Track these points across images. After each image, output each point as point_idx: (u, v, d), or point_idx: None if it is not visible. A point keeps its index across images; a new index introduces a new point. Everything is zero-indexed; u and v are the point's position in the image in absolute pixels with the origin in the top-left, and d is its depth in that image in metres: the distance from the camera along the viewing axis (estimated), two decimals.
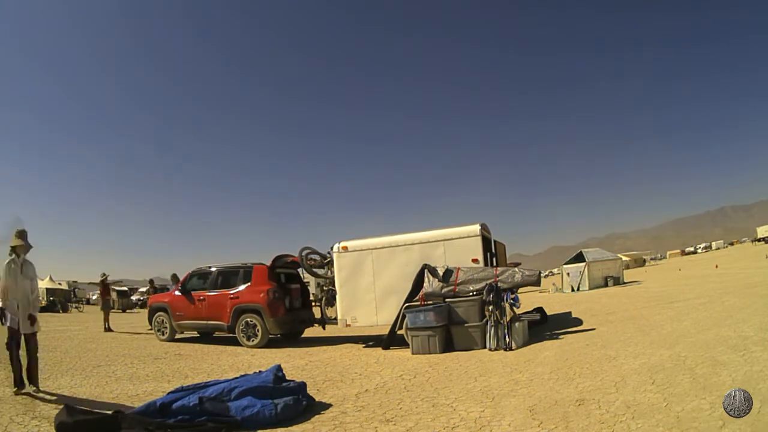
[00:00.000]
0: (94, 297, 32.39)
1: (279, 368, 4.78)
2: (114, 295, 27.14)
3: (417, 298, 8.22)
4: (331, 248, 9.56)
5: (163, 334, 10.31)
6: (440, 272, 8.27)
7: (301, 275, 10.91)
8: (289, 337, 10.37)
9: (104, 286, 14.31)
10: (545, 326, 9.26)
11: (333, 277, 9.49)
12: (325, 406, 4.54)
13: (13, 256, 5.12)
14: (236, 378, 4.68)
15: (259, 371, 4.98)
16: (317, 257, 10.15)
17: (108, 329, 12.60)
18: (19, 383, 4.88)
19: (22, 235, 5.16)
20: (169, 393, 4.32)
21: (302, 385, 4.62)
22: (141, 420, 3.77)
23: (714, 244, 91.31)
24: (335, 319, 9.47)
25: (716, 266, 26.91)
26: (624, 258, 38.71)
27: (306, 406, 4.37)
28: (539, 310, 9.80)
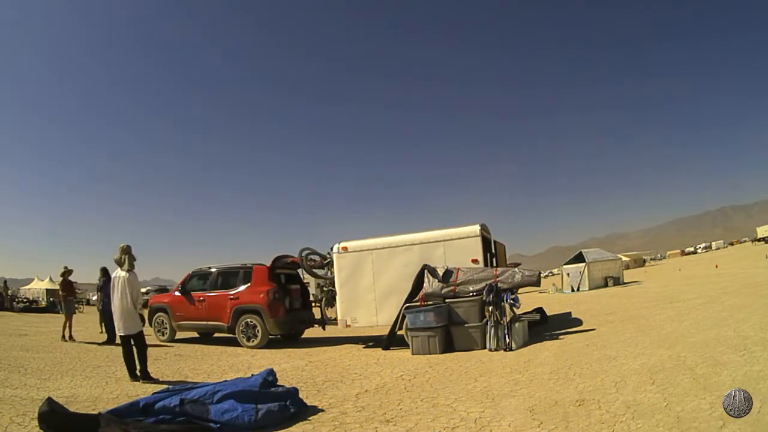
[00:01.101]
0: (94, 298, 32.32)
1: (270, 372, 4.66)
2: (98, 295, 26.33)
3: (417, 298, 8.22)
4: (331, 249, 9.57)
5: (162, 335, 10.31)
6: (440, 273, 8.27)
7: (301, 276, 10.92)
8: (289, 337, 10.37)
9: (67, 283, 10.61)
10: (545, 326, 9.26)
11: (333, 277, 9.50)
12: (317, 410, 4.45)
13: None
14: (223, 381, 4.61)
15: (252, 375, 4.92)
16: (317, 258, 10.15)
17: (68, 338, 9.92)
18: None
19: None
20: (154, 393, 4.28)
21: (292, 391, 4.47)
22: (118, 419, 3.74)
23: (714, 244, 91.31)
24: (335, 319, 9.48)
25: (716, 266, 26.91)
26: (624, 258, 38.71)
27: (294, 412, 4.23)
28: (539, 310, 9.80)
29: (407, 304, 8.06)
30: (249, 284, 9.58)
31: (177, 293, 10.30)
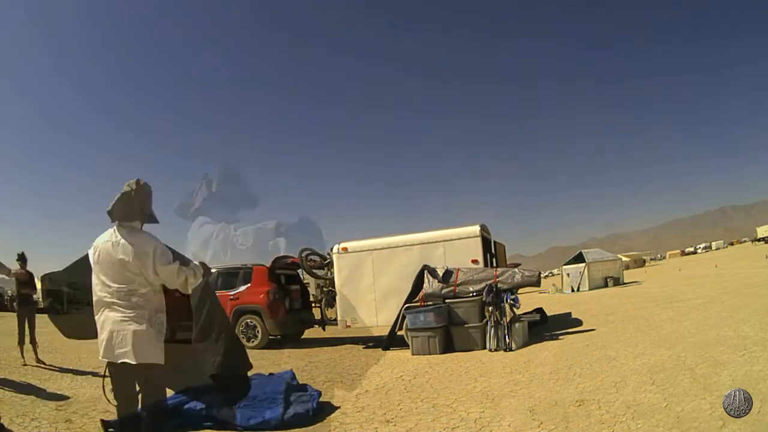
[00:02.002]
0: None
1: (293, 376, 4.65)
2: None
3: (417, 298, 8.22)
4: (331, 249, 9.57)
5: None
6: (440, 273, 8.26)
7: (301, 276, 10.92)
8: (290, 338, 10.38)
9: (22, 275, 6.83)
10: (545, 327, 9.25)
11: (333, 278, 9.50)
12: (331, 410, 4.46)
13: None
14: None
15: (270, 374, 4.85)
16: (317, 258, 10.15)
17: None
18: None
19: None
20: (176, 393, 4.20)
21: (314, 395, 4.42)
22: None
23: (714, 245, 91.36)
24: (335, 320, 9.47)
25: (716, 266, 26.90)
26: (624, 258, 38.69)
27: (313, 415, 4.21)
28: (539, 310, 9.80)
29: (407, 305, 8.05)
30: (249, 285, 9.58)
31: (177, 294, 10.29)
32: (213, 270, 10.17)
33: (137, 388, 3.09)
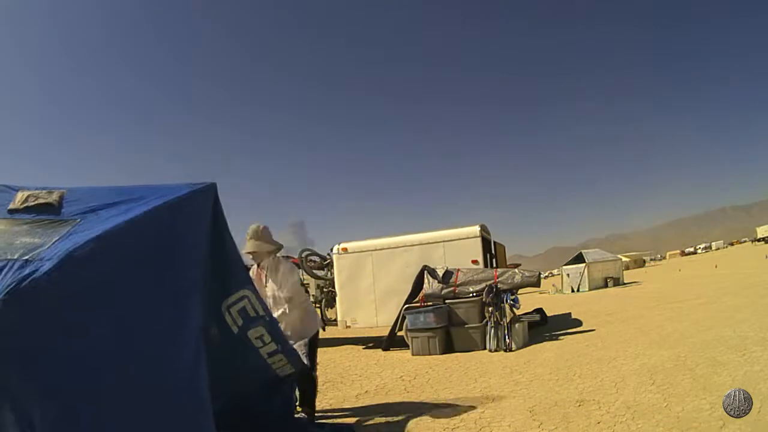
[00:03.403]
0: None
1: None
2: None
3: (417, 299, 8.23)
4: (331, 250, 9.58)
5: None
6: (440, 274, 8.27)
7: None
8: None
9: None
10: (545, 327, 9.26)
11: (333, 278, 9.50)
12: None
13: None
14: None
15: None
16: (317, 259, 10.16)
17: None
18: None
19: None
20: None
21: None
22: None
23: (714, 245, 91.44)
24: (335, 320, 9.47)
25: (716, 266, 26.89)
26: (624, 259, 38.66)
27: None
28: (539, 311, 9.80)
29: (407, 305, 8.06)
30: None
31: None
32: None
33: None
